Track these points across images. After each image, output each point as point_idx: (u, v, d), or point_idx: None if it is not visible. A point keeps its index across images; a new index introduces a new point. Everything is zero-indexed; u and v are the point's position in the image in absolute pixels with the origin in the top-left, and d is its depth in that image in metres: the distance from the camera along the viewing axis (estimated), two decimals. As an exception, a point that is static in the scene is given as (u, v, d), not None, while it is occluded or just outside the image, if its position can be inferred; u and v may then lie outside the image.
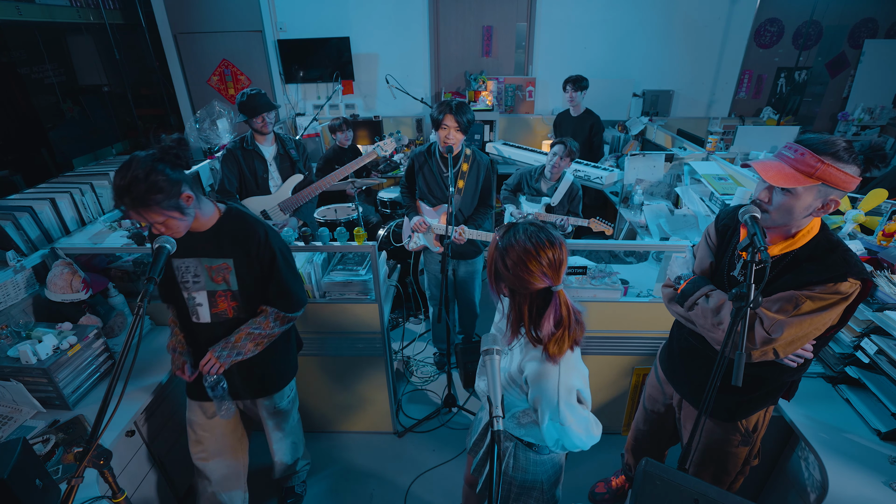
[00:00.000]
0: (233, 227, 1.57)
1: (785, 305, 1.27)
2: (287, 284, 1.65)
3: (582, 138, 4.13)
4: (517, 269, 1.16)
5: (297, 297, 1.70)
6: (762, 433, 1.59)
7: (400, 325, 3.43)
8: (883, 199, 2.08)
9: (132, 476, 1.89)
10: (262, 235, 1.58)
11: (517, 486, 1.44)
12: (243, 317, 1.66)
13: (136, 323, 1.16)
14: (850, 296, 1.23)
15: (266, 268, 1.60)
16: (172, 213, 1.36)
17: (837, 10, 4.83)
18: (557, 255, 1.16)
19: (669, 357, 1.72)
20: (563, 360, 1.20)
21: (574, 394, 1.21)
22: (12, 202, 2.26)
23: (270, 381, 1.83)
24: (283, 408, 1.92)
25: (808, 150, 1.18)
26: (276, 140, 2.75)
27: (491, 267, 1.23)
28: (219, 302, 1.61)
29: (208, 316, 1.63)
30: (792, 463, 1.79)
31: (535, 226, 1.20)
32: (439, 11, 4.81)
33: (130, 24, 4.90)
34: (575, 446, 1.25)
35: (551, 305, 1.17)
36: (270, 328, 1.66)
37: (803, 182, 1.18)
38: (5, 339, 1.77)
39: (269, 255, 1.59)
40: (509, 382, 1.30)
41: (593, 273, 2.23)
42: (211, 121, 3.68)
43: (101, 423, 1.09)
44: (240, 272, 1.59)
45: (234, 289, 1.61)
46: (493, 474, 0.97)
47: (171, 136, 1.36)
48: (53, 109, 4.87)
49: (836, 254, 1.25)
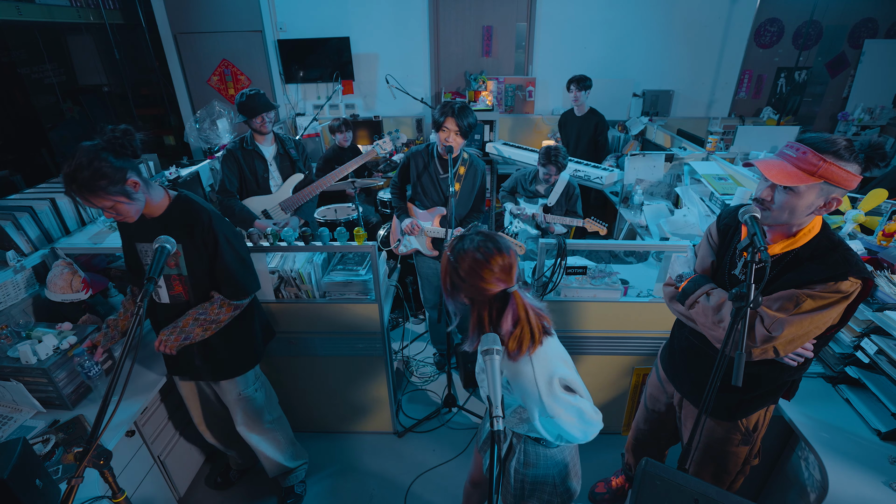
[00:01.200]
0: (180, 212, 1.61)
1: (785, 304, 1.27)
2: (231, 270, 1.66)
3: (587, 137, 4.14)
4: (472, 278, 1.21)
5: (242, 284, 1.71)
6: (762, 433, 1.58)
7: (400, 325, 3.43)
8: (883, 199, 2.08)
9: (132, 476, 1.89)
10: (206, 220, 1.61)
11: (530, 483, 1.45)
12: (195, 301, 1.71)
13: (135, 323, 1.16)
14: (850, 295, 1.23)
15: (211, 253, 1.63)
16: (119, 197, 1.42)
17: (837, 10, 4.83)
18: (507, 260, 1.22)
19: (670, 356, 1.72)
20: (535, 354, 1.23)
21: (555, 383, 1.22)
22: (12, 202, 2.26)
23: (229, 366, 1.87)
24: (249, 395, 1.94)
25: (810, 149, 1.18)
26: (276, 140, 2.75)
27: (446, 280, 1.28)
28: (174, 285, 1.68)
29: (167, 297, 1.70)
30: (792, 463, 1.79)
31: (482, 234, 1.25)
32: (439, 11, 4.81)
33: (130, 24, 4.89)
34: (574, 438, 1.26)
35: (509, 307, 1.22)
36: (216, 314, 1.69)
37: (806, 180, 1.18)
38: (5, 339, 1.77)
39: (213, 241, 1.61)
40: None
41: (593, 273, 2.23)
42: (211, 121, 3.68)
43: (101, 423, 1.09)
44: (188, 258, 1.63)
45: (184, 273, 1.66)
46: (493, 474, 0.97)
47: (119, 126, 1.42)
48: (53, 109, 4.87)
49: (838, 253, 1.25)
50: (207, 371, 1.85)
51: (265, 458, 2.10)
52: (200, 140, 3.75)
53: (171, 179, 2.99)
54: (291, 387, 2.44)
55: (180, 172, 3.13)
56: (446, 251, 1.29)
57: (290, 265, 2.17)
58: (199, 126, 3.70)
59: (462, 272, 1.22)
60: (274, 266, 2.17)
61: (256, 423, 2.00)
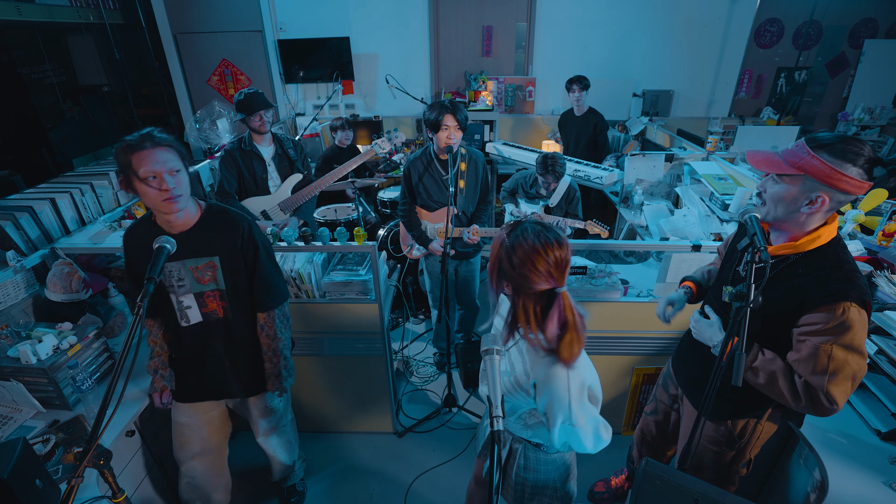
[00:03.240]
0: (216, 223, 1.55)
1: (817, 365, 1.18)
2: (270, 277, 1.66)
3: (586, 137, 4.14)
4: (523, 267, 1.15)
5: (282, 290, 1.72)
6: (753, 446, 1.53)
7: (400, 325, 3.43)
8: (883, 199, 2.08)
9: (132, 476, 1.89)
10: (247, 229, 1.58)
11: (530, 487, 1.44)
12: (232, 316, 1.64)
13: (136, 323, 1.16)
14: (858, 318, 1.15)
15: (251, 263, 1.60)
16: (185, 170, 1.43)
17: (837, 10, 4.83)
18: (564, 255, 1.16)
19: (678, 350, 1.73)
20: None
21: (585, 392, 1.20)
22: (12, 202, 2.26)
23: (262, 379, 1.81)
24: (275, 406, 1.91)
25: (804, 143, 1.18)
26: (274, 140, 2.75)
27: (494, 264, 1.22)
28: (208, 302, 1.60)
29: (199, 316, 1.61)
30: (792, 463, 1.79)
31: (541, 225, 1.19)
32: (439, 11, 4.81)
33: (130, 24, 4.90)
34: (584, 448, 1.23)
35: (555, 307, 1.17)
36: (280, 329, 1.72)
37: (785, 170, 1.18)
38: (5, 339, 1.77)
39: (254, 250, 1.59)
40: (514, 386, 1.29)
41: (593, 273, 2.23)
42: (211, 121, 3.68)
43: (101, 423, 1.09)
44: (226, 269, 1.57)
45: (222, 288, 1.59)
46: (493, 474, 0.97)
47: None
48: (53, 109, 4.87)
49: (842, 271, 1.19)
50: (239, 389, 1.78)
51: (278, 462, 2.08)
52: (200, 140, 3.75)
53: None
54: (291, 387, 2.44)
55: (180, 172, 3.12)
56: (501, 232, 1.23)
57: (290, 265, 2.17)
58: (199, 126, 3.70)
59: (515, 258, 1.15)
60: (274, 266, 2.16)
61: (276, 430, 1.97)
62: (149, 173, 1.35)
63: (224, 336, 1.67)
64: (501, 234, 1.22)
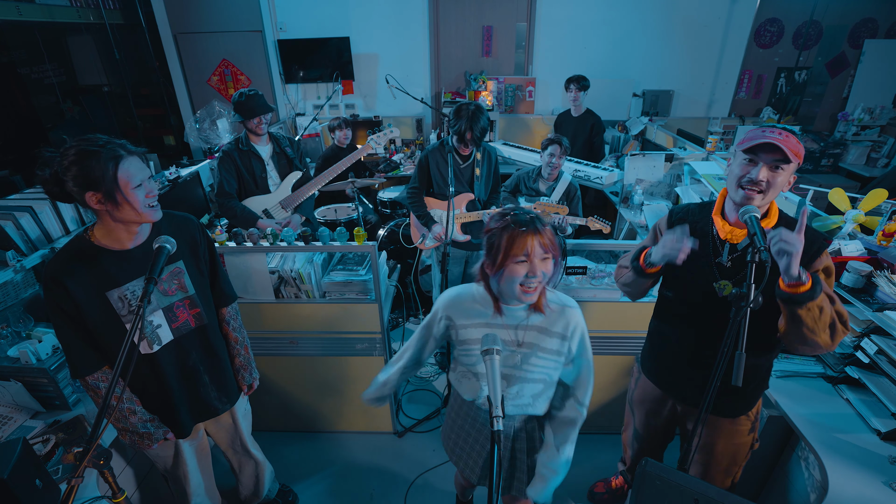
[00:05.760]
0: (170, 225, 1.45)
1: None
2: (224, 272, 1.67)
3: (583, 138, 4.13)
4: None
5: (230, 283, 1.73)
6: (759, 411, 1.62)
7: (400, 325, 3.43)
8: (883, 199, 2.08)
9: (132, 476, 1.89)
10: (196, 222, 1.53)
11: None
12: (207, 321, 1.56)
13: (136, 323, 1.15)
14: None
15: (209, 257, 1.58)
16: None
17: (837, 10, 4.83)
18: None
19: (662, 370, 1.68)
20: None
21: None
22: (12, 202, 2.26)
23: (234, 385, 1.74)
24: (248, 407, 1.88)
25: (790, 132, 1.27)
26: (271, 139, 2.76)
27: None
28: (178, 314, 1.47)
29: (169, 334, 1.46)
30: (792, 463, 1.79)
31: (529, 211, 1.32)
32: (439, 11, 4.81)
33: (130, 24, 4.89)
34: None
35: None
36: (240, 324, 1.74)
37: (794, 159, 1.25)
38: (5, 339, 1.77)
39: (207, 241, 1.57)
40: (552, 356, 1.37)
41: (593, 273, 2.23)
42: (211, 121, 3.69)
43: (101, 423, 1.08)
44: (192, 271, 1.49)
45: (191, 293, 1.49)
46: (493, 475, 0.97)
47: None
48: (53, 109, 4.87)
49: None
50: (223, 402, 1.68)
51: (266, 470, 2.02)
52: (200, 140, 3.75)
53: (171, 179, 2.99)
54: (291, 387, 2.44)
55: (180, 172, 3.13)
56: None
57: (290, 265, 2.17)
58: (199, 126, 3.70)
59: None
60: (274, 266, 2.17)
61: (253, 442, 1.93)
62: (141, 180, 1.28)
63: (201, 346, 1.56)
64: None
